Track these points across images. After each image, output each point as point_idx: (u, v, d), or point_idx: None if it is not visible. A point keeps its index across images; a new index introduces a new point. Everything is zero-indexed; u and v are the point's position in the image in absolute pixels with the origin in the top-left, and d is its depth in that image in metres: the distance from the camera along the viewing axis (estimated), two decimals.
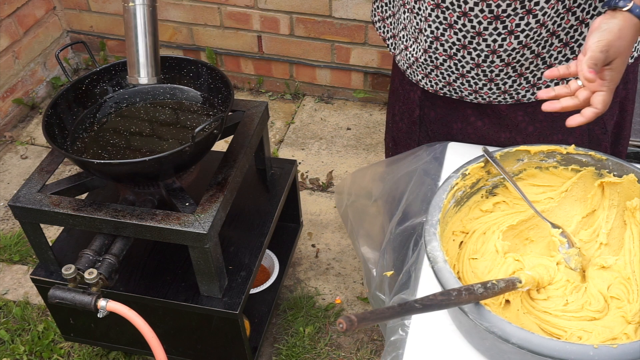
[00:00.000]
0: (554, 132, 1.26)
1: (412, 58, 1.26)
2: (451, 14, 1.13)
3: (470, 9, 1.10)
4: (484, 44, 1.14)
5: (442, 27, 1.16)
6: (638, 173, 1.00)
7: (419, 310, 0.77)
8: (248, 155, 1.60)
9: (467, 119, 1.29)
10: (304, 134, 2.70)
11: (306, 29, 2.66)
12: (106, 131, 1.53)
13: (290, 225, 2.06)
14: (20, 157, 2.64)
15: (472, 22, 1.12)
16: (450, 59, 1.19)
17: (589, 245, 1.04)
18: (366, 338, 1.94)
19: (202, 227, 1.37)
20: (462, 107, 1.28)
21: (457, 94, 1.24)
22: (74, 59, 3.12)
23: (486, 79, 1.19)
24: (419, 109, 1.34)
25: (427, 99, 1.31)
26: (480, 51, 1.15)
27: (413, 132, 1.39)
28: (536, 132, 1.26)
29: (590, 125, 1.26)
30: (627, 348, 0.78)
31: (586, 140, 1.28)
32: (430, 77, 1.25)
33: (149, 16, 1.17)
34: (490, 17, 1.10)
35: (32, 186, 1.49)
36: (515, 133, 1.27)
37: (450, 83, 1.23)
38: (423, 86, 1.28)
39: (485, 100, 1.23)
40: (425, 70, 1.24)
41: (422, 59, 1.23)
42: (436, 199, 1.00)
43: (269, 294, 1.90)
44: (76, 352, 1.91)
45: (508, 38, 1.12)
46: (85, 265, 1.38)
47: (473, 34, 1.13)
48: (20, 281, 2.14)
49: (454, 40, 1.16)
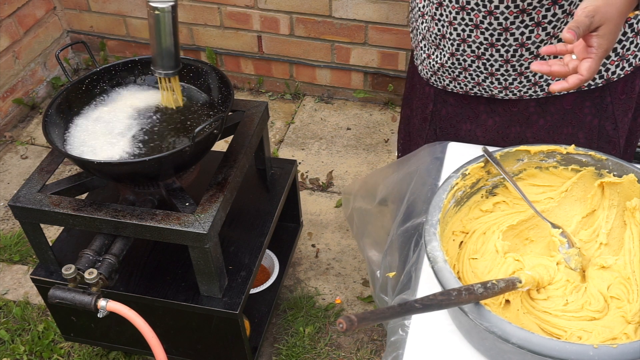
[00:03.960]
0: (564, 125, 1.26)
1: (436, 65, 1.27)
2: (477, 14, 1.13)
3: (496, 7, 1.11)
4: (511, 39, 1.14)
5: (468, 29, 1.16)
6: (638, 173, 1.00)
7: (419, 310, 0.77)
8: (248, 155, 1.60)
9: (477, 118, 1.30)
10: (304, 134, 2.70)
11: (306, 29, 2.66)
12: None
13: (290, 225, 2.06)
14: (20, 157, 2.64)
15: (499, 19, 1.12)
16: (478, 59, 1.20)
17: (589, 245, 1.04)
18: (366, 338, 1.94)
19: (202, 227, 1.37)
20: (474, 104, 1.29)
21: (488, 93, 1.25)
22: (74, 59, 3.12)
23: (516, 73, 1.19)
24: (433, 104, 1.34)
25: (440, 94, 1.32)
26: (508, 47, 1.16)
27: (423, 128, 1.39)
28: (546, 126, 1.26)
29: (601, 121, 1.26)
30: (627, 348, 0.78)
31: (595, 136, 1.28)
32: (458, 79, 1.25)
33: (171, 20, 1.35)
34: (516, 11, 1.10)
35: (32, 186, 1.49)
36: (525, 127, 1.28)
37: (479, 83, 1.24)
38: (452, 90, 1.28)
39: (517, 96, 1.23)
40: (453, 73, 1.25)
41: (449, 63, 1.23)
42: (436, 199, 1.00)
43: (269, 294, 1.90)
44: (76, 352, 1.91)
45: (535, 30, 1.12)
46: (85, 265, 1.38)
47: (500, 31, 1.14)
48: (20, 281, 2.14)
49: (481, 40, 1.17)
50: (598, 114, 1.25)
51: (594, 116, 1.26)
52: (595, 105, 1.24)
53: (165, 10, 1.32)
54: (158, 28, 1.35)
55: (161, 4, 1.32)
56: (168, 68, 1.42)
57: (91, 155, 1.42)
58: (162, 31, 1.35)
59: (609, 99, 1.24)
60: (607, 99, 1.24)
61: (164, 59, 1.40)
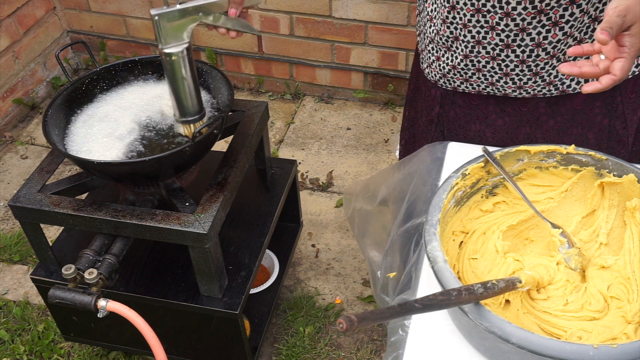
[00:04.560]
0: (574, 126, 1.26)
1: (447, 67, 1.26)
2: (493, 16, 1.13)
3: (513, 9, 1.10)
4: (528, 39, 1.14)
5: (483, 31, 1.16)
6: (638, 173, 1.00)
7: (419, 310, 0.77)
8: (248, 155, 1.60)
9: (487, 118, 1.29)
10: (304, 134, 2.70)
11: (306, 29, 2.66)
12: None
13: (290, 225, 2.06)
14: (20, 157, 2.64)
15: (516, 20, 1.12)
16: (493, 60, 1.19)
17: (589, 245, 1.04)
18: (366, 338, 1.94)
19: (202, 227, 1.37)
20: (483, 105, 1.28)
21: (501, 92, 1.25)
22: (74, 59, 3.12)
23: (531, 73, 1.19)
24: (439, 106, 1.34)
25: (448, 96, 1.32)
26: (524, 47, 1.15)
27: (429, 130, 1.39)
28: (556, 126, 1.26)
29: (611, 121, 1.26)
30: (627, 348, 0.78)
31: (605, 136, 1.27)
32: (470, 80, 1.25)
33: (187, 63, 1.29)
34: (533, 12, 1.10)
35: (32, 186, 1.49)
36: (535, 128, 1.27)
37: (493, 83, 1.23)
38: (463, 90, 1.28)
39: (530, 94, 1.23)
40: (466, 75, 1.24)
41: (462, 64, 1.23)
42: (436, 199, 1.00)
43: (269, 294, 1.90)
44: (76, 352, 1.91)
45: (552, 30, 1.12)
46: (85, 265, 1.38)
47: (517, 32, 1.13)
48: (20, 281, 2.14)
49: (496, 41, 1.16)
50: (608, 114, 1.25)
51: (604, 116, 1.25)
52: (605, 105, 1.24)
53: (180, 54, 1.25)
54: (175, 74, 1.28)
55: (175, 47, 1.25)
56: (193, 116, 1.36)
57: (91, 155, 1.42)
58: (181, 77, 1.29)
59: (620, 98, 1.24)
60: (617, 98, 1.23)
61: (185, 106, 1.34)
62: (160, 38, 1.23)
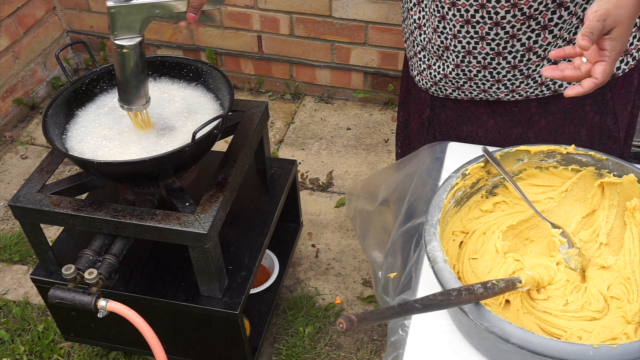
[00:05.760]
0: (566, 124, 1.26)
1: (438, 75, 1.26)
2: (482, 27, 1.13)
3: (502, 18, 1.10)
4: (518, 44, 1.14)
5: (473, 41, 1.16)
6: (638, 173, 1.00)
7: (419, 310, 0.77)
8: (248, 155, 1.60)
9: (479, 119, 1.29)
10: (304, 134, 2.70)
11: (306, 29, 2.66)
12: None
13: (290, 225, 2.06)
14: (20, 157, 2.64)
15: (505, 29, 1.12)
16: (484, 68, 1.20)
17: (589, 245, 1.04)
18: (366, 338, 1.94)
19: (202, 227, 1.37)
20: (474, 107, 1.28)
21: (493, 97, 1.25)
22: (74, 59, 3.12)
23: (523, 77, 1.19)
24: (430, 109, 1.34)
25: (439, 99, 1.31)
26: (515, 52, 1.16)
27: (421, 133, 1.39)
28: (548, 126, 1.27)
29: (602, 117, 1.26)
30: (627, 348, 0.78)
31: (597, 132, 1.28)
32: (463, 88, 1.25)
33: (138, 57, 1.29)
34: (522, 18, 1.10)
35: (32, 186, 1.49)
36: (527, 128, 1.28)
37: (485, 90, 1.24)
38: (455, 97, 1.28)
39: (522, 97, 1.23)
40: (457, 83, 1.24)
41: (454, 74, 1.23)
42: (436, 199, 1.00)
43: (269, 294, 1.90)
44: (76, 352, 1.91)
45: (542, 33, 1.12)
46: (85, 265, 1.38)
47: (507, 39, 1.14)
48: (20, 281, 2.14)
49: (487, 50, 1.16)
50: (599, 110, 1.26)
51: (595, 113, 1.26)
52: (596, 102, 1.25)
53: (132, 47, 1.26)
54: (124, 65, 1.29)
55: (128, 41, 1.26)
56: (138, 104, 1.37)
57: (91, 155, 1.42)
58: (130, 68, 1.29)
59: (609, 95, 1.24)
60: (607, 94, 1.24)
61: (131, 95, 1.35)
62: (114, 30, 1.25)
